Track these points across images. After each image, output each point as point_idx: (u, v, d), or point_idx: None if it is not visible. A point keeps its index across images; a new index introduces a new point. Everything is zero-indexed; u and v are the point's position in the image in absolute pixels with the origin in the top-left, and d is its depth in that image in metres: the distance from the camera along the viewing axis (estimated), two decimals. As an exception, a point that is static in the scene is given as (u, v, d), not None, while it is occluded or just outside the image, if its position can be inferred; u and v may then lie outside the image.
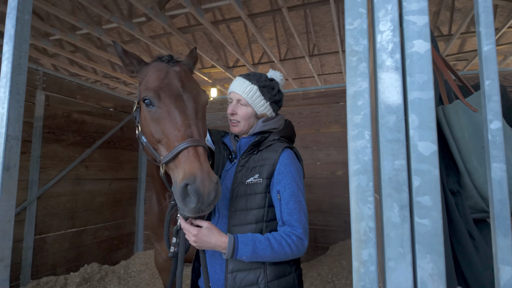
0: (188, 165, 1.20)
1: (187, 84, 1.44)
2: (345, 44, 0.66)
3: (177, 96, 1.38)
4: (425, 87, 0.60)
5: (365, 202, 0.62)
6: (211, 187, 1.16)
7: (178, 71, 1.47)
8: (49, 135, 3.76)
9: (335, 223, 4.46)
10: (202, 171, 1.17)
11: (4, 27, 0.91)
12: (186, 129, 1.29)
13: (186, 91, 1.41)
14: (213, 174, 1.20)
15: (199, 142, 1.26)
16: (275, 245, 1.26)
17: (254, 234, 1.31)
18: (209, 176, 1.18)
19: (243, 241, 1.26)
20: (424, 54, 0.61)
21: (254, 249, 1.25)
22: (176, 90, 1.39)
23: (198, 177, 1.16)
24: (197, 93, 1.45)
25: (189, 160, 1.21)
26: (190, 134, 1.28)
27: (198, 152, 1.23)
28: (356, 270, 0.61)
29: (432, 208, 0.58)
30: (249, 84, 1.52)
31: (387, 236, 0.60)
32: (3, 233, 0.88)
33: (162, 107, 1.36)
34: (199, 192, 1.14)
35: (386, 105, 0.62)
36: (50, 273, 3.75)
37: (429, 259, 0.57)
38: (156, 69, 1.46)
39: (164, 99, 1.36)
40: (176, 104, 1.35)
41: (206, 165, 1.21)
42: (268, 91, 1.54)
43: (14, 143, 0.92)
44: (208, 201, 1.17)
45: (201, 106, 1.44)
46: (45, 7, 5.18)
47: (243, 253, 1.24)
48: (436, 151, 0.59)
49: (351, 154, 0.64)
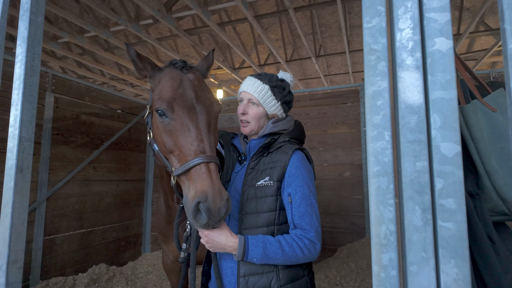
0: (200, 182, 1.21)
1: (200, 95, 1.41)
2: (363, 43, 0.64)
3: (190, 108, 1.36)
4: (447, 86, 0.59)
5: (385, 205, 0.60)
6: (222, 204, 1.18)
7: (192, 80, 1.44)
8: (58, 136, 3.79)
9: (343, 225, 4.42)
10: (214, 189, 1.18)
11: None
12: (199, 144, 1.29)
13: (200, 102, 1.39)
14: (224, 191, 1.21)
15: (211, 158, 1.26)
16: (286, 248, 1.24)
17: (264, 236, 1.29)
18: (220, 194, 1.19)
19: (254, 243, 1.24)
20: (446, 52, 0.59)
21: (264, 251, 1.23)
22: (189, 102, 1.37)
23: (210, 195, 1.17)
24: (210, 104, 1.43)
25: (201, 177, 1.21)
26: (203, 149, 1.28)
27: (210, 169, 1.23)
28: (377, 275, 0.60)
29: (456, 211, 0.56)
30: (260, 83, 1.51)
31: (408, 240, 0.58)
32: (17, 235, 0.88)
33: (175, 119, 1.35)
34: (210, 210, 1.16)
35: (407, 104, 0.61)
36: (59, 273, 3.78)
37: (454, 264, 0.55)
38: (169, 77, 1.44)
39: (178, 111, 1.35)
40: (189, 116, 1.34)
41: (218, 183, 1.22)
42: (279, 91, 1.53)
43: (27, 145, 0.92)
44: (218, 217, 1.18)
45: (213, 118, 1.42)
46: (54, 10, 5.24)
47: (253, 255, 1.23)
48: (460, 152, 0.57)
49: (371, 155, 0.62)
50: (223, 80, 10.72)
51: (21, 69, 0.93)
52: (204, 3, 5.44)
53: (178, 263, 2.19)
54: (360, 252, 4.16)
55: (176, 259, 2.11)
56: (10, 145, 0.92)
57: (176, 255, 2.08)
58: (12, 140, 0.92)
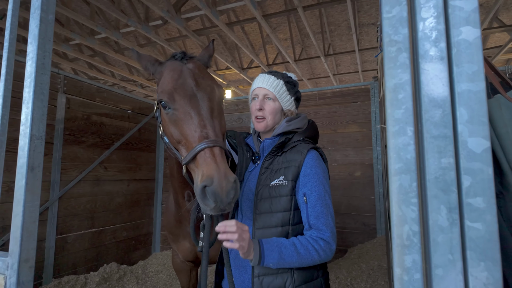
0: (206, 166, 1.21)
1: (201, 82, 1.43)
2: (383, 33, 0.61)
3: (191, 96, 1.38)
4: (475, 77, 0.55)
5: (408, 204, 0.57)
6: (229, 187, 1.17)
7: (191, 69, 1.47)
8: (69, 137, 3.84)
9: (354, 225, 4.36)
10: (219, 172, 1.18)
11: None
12: (202, 130, 1.30)
13: (200, 89, 1.41)
14: (230, 173, 1.20)
15: (215, 142, 1.26)
16: (301, 251, 1.22)
17: (278, 238, 1.27)
18: (226, 177, 1.18)
19: (268, 248, 1.21)
20: (473, 42, 0.56)
21: (280, 255, 1.21)
22: (190, 91, 1.39)
23: (216, 179, 1.17)
24: (212, 90, 1.44)
25: (206, 162, 1.22)
26: (206, 135, 1.29)
27: (214, 152, 1.24)
28: (399, 278, 0.56)
29: (486, 211, 0.53)
30: (275, 79, 1.51)
31: (433, 241, 0.55)
32: (28, 234, 0.88)
33: (178, 109, 1.37)
34: (217, 193, 1.15)
35: (431, 98, 0.57)
36: (71, 272, 3.82)
37: (483, 267, 0.52)
38: (170, 69, 1.47)
39: (179, 101, 1.37)
40: (191, 105, 1.36)
41: (223, 165, 1.21)
42: (291, 87, 1.54)
43: (38, 143, 0.92)
44: (227, 200, 1.17)
45: (216, 103, 1.43)
46: (65, 13, 5.31)
47: (269, 260, 1.20)
48: (489, 148, 0.53)
49: (392, 152, 0.59)
50: (231, 80, 10.72)
51: (32, 67, 0.93)
52: (213, 3, 5.45)
53: (187, 263, 2.18)
54: (371, 253, 4.09)
55: (186, 258, 2.10)
56: (21, 143, 0.91)
57: (185, 254, 2.07)
58: (23, 138, 0.91)
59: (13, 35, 1.02)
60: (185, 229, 1.96)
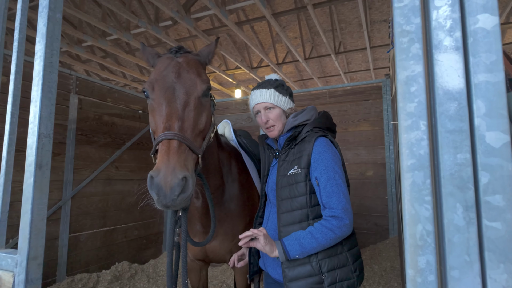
0: (159, 158, 1.23)
1: (183, 76, 1.44)
2: (394, 24, 0.58)
3: (168, 88, 1.39)
4: (493, 68, 0.52)
5: (421, 202, 0.54)
6: (174, 182, 1.16)
7: (180, 62, 1.49)
8: (81, 137, 3.90)
9: (365, 226, 4.29)
10: (168, 166, 1.18)
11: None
12: (167, 121, 1.30)
13: (180, 82, 1.42)
14: (180, 170, 1.19)
15: (174, 135, 1.26)
16: (317, 236, 1.34)
17: (296, 232, 1.40)
18: (173, 171, 1.17)
19: (289, 243, 1.37)
20: (492, 30, 0.52)
21: (301, 246, 1.35)
22: (169, 82, 1.40)
23: (162, 171, 1.17)
24: (192, 84, 1.44)
25: (160, 153, 1.23)
26: (169, 126, 1.29)
27: (170, 145, 1.24)
28: (411, 280, 0.54)
29: (506, 210, 0.49)
30: (266, 90, 1.65)
31: (449, 241, 0.52)
32: (37, 231, 0.88)
33: (154, 99, 1.40)
34: (160, 186, 1.16)
35: (445, 90, 0.54)
36: (83, 270, 3.88)
37: (503, 270, 0.48)
38: (160, 61, 1.51)
39: (157, 91, 1.39)
40: (165, 95, 1.37)
41: (175, 160, 1.20)
42: (281, 89, 1.67)
43: (46, 141, 0.92)
44: (171, 196, 1.16)
45: (194, 98, 1.43)
46: (78, 15, 5.40)
47: (294, 252, 1.35)
48: (509, 143, 0.50)
49: (404, 147, 0.56)
50: (241, 80, 10.73)
51: (40, 65, 0.94)
52: (222, 3, 5.45)
53: (197, 261, 2.18)
54: (384, 254, 4.01)
55: (196, 257, 2.09)
56: (29, 141, 0.92)
57: (195, 253, 2.06)
58: (31, 136, 0.92)
59: (22, 35, 1.03)
60: (194, 227, 1.95)
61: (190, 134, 1.35)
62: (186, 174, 1.21)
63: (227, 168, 2.00)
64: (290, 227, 1.47)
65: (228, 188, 1.98)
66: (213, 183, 1.81)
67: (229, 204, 1.98)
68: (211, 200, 1.67)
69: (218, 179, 1.88)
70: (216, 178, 1.84)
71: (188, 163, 1.28)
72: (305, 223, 1.44)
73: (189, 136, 1.34)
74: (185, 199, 1.22)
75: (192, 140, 1.34)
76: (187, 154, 1.28)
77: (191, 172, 1.28)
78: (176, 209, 1.35)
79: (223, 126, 2.60)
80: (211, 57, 1.70)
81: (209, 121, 1.56)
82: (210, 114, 1.58)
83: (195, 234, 1.98)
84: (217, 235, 1.96)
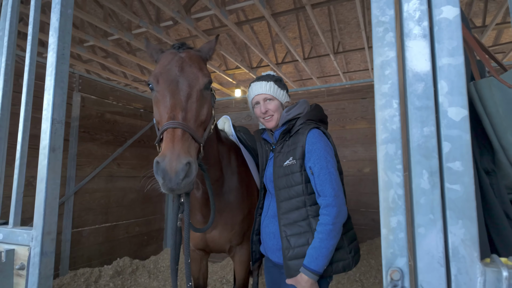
0: (164, 145, 1.30)
1: (186, 69, 1.52)
2: (371, 16, 0.66)
3: (172, 80, 1.47)
4: (454, 52, 0.60)
5: (393, 170, 0.62)
6: (179, 167, 1.23)
7: (183, 57, 1.57)
8: (84, 134, 3.98)
9: (363, 222, 4.36)
10: (173, 151, 1.25)
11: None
12: (171, 111, 1.38)
13: (183, 75, 1.50)
14: (185, 155, 1.27)
15: (179, 124, 1.34)
16: (321, 235, 1.42)
17: (308, 251, 1.46)
18: (178, 157, 1.25)
19: (309, 261, 1.43)
20: (453, 20, 0.60)
21: (318, 255, 1.41)
22: (173, 75, 1.49)
23: (167, 157, 1.24)
24: (195, 77, 1.52)
25: (165, 141, 1.31)
26: (173, 116, 1.37)
27: (175, 133, 1.32)
28: (385, 238, 0.61)
29: (464, 174, 0.57)
30: (266, 82, 1.75)
31: (416, 203, 0.60)
32: (51, 209, 0.96)
33: (159, 91, 1.48)
34: (165, 171, 1.23)
35: (414, 72, 0.62)
36: (86, 265, 3.95)
37: (461, 225, 0.56)
38: (164, 56, 1.60)
39: (161, 84, 1.48)
40: (169, 88, 1.45)
41: (179, 147, 1.28)
42: (280, 83, 1.78)
43: (59, 127, 1.01)
44: (176, 180, 1.24)
45: (197, 90, 1.51)
46: (80, 15, 5.49)
47: (319, 267, 1.41)
48: (467, 116, 0.58)
49: (379, 123, 0.64)
50: (241, 80, 10.81)
51: (53, 57, 1.02)
52: (222, 3, 5.54)
53: (197, 251, 2.25)
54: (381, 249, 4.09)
55: (196, 246, 2.17)
56: (43, 127, 1.00)
57: (196, 242, 2.14)
58: (45, 122, 1.00)
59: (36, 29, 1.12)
60: (195, 217, 2.03)
61: (193, 124, 1.43)
62: (190, 160, 1.29)
63: (226, 161, 2.08)
64: (289, 214, 1.56)
65: (227, 180, 2.06)
66: (213, 174, 1.89)
67: (228, 196, 2.06)
68: (210, 189, 1.74)
69: (218, 171, 1.95)
70: (215, 170, 1.92)
71: (191, 150, 1.36)
72: (303, 209, 1.53)
73: (192, 126, 1.42)
74: (189, 183, 1.30)
75: (194, 130, 1.42)
76: (190, 142, 1.37)
77: (194, 158, 1.36)
78: (180, 193, 1.43)
79: (223, 122, 2.68)
80: (211, 53, 1.79)
81: (210, 112, 1.64)
82: (211, 106, 1.66)
83: (196, 224, 2.05)
84: (216, 225, 2.04)
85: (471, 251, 0.55)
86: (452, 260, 0.56)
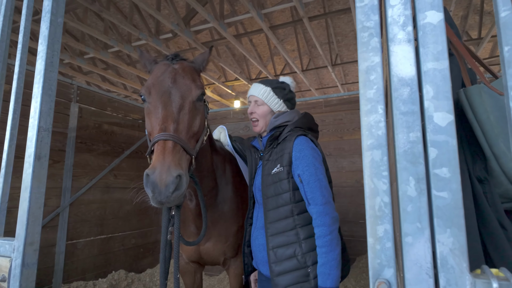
0: (155, 157, 1.29)
1: (179, 81, 1.52)
2: (356, 21, 0.66)
3: (164, 92, 1.46)
4: (439, 57, 0.59)
5: (379, 177, 0.60)
6: (169, 180, 1.22)
7: (176, 68, 1.57)
8: (81, 145, 3.96)
9: (362, 233, 4.29)
10: (163, 164, 1.24)
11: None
12: (163, 123, 1.37)
13: (176, 87, 1.49)
14: (175, 168, 1.25)
15: (170, 136, 1.33)
16: (324, 249, 1.38)
17: (318, 268, 1.41)
18: (168, 169, 1.23)
19: (324, 280, 1.37)
20: (437, 24, 0.60)
21: (329, 269, 1.37)
22: (165, 87, 1.48)
23: (157, 169, 1.23)
24: (187, 89, 1.52)
25: (156, 153, 1.30)
26: (164, 128, 1.36)
27: (165, 145, 1.30)
28: (372, 247, 0.59)
29: (451, 180, 0.55)
30: (263, 86, 1.76)
31: (403, 210, 0.57)
32: (34, 219, 0.94)
33: (151, 102, 1.47)
34: (155, 184, 1.21)
35: (399, 77, 0.61)
36: (80, 278, 3.87)
37: (449, 234, 0.54)
38: (157, 68, 1.59)
39: (153, 95, 1.47)
40: (161, 99, 1.44)
41: (170, 159, 1.26)
42: (280, 91, 1.76)
43: (45, 135, 0.99)
44: (165, 193, 1.22)
45: (188, 102, 1.50)
46: (81, 28, 5.56)
47: (334, 280, 1.36)
48: (453, 121, 0.57)
49: (364, 129, 0.63)
50: (240, 92, 10.88)
51: (41, 65, 1.01)
52: (221, 16, 5.62)
53: (192, 264, 2.20)
54: (381, 262, 4.01)
55: (190, 258, 2.12)
56: (29, 134, 0.99)
57: (189, 254, 2.09)
58: (31, 130, 0.99)
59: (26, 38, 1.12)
60: (188, 228, 1.99)
61: (185, 135, 1.42)
62: (180, 172, 1.27)
63: (220, 171, 2.06)
64: (276, 223, 1.52)
65: (221, 191, 2.03)
66: (206, 184, 1.86)
67: (223, 206, 2.03)
68: (203, 201, 1.71)
69: (211, 180, 1.93)
70: (209, 180, 1.90)
71: (182, 163, 1.35)
72: (291, 218, 1.50)
73: (184, 137, 1.41)
74: (179, 196, 1.28)
75: (186, 142, 1.41)
76: (181, 154, 1.35)
77: (185, 171, 1.34)
78: (170, 206, 1.41)
79: (219, 132, 2.67)
80: (205, 65, 1.79)
81: (203, 124, 1.63)
82: (204, 117, 1.65)
83: (190, 236, 2.01)
84: (210, 237, 2.00)
85: (460, 261, 0.53)
86: (441, 270, 0.54)
